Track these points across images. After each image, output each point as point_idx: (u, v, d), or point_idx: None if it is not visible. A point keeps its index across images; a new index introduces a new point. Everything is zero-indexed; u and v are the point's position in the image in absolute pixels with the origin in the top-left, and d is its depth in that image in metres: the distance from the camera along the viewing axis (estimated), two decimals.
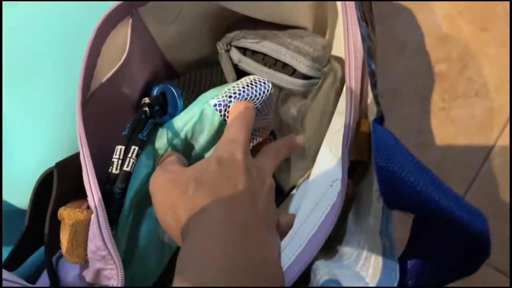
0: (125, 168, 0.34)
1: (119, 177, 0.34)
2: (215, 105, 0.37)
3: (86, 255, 0.33)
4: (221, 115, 0.38)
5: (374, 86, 0.33)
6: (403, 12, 0.64)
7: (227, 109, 0.38)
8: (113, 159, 0.35)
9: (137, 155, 0.35)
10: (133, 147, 0.35)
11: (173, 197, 0.30)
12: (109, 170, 0.34)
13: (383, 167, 0.26)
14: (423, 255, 0.30)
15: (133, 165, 0.35)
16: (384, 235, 0.32)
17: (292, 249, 0.34)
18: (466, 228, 0.25)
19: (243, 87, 0.39)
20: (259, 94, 0.39)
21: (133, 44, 0.37)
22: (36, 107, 0.43)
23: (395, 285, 0.29)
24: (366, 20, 0.36)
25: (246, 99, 0.38)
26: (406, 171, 0.25)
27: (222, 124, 0.38)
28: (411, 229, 0.30)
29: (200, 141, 0.39)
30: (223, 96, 0.38)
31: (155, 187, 0.32)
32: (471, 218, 0.25)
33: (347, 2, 0.36)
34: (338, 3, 0.37)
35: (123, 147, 0.35)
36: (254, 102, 0.39)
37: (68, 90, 0.42)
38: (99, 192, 0.32)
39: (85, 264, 0.34)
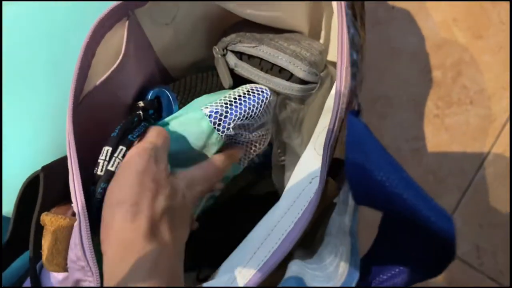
0: (109, 167, 0.33)
1: (102, 176, 0.33)
2: (211, 112, 0.37)
3: (66, 264, 0.32)
4: (213, 122, 0.37)
5: (353, 77, 0.33)
6: (399, 18, 0.64)
7: (223, 119, 0.37)
8: (99, 160, 0.33)
9: (124, 156, 0.33)
10: (120, 147, 0.33)
11: (144, 195, 0.30)
12: (94, 172, 0.33)
13: (352, 160, 0.25)
14: (389, 255, 0.30)
15: (118, 165, 0.33)
16: (353, 234, 0.32)
17: (268, 246, 0.34)
18: (432, 228, 0.24)
19: (239, 96, 0.38)
20: (258, 103, 0.39)
21: (129, 46, 0.36)
22: (24, 109, 0.42)
23: (353, 284, 0.29)
24: (355, 13, 0.36)
25: (244, 110, 0.38)
26: (376, 165, 0.25)
27: (212, 131, 0.37)
28: (378, 228, 0.30)
29: (184, 143, 0.38)
30: (217, 104, 0.37)
31: (136, 162, 0.31)
32: (437, 219, 0.24)
33: (342, 2, 0.35)
34: (334, 2, 0.37)
35: (110, 149, 0.33)
36: (253, 111, 0.39)
37: (58, 91, 0.41)
38: (83, 199, 0.31)
39: (66, 273, 0.33)
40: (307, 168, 0.37)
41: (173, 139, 0.37)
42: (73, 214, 0.33)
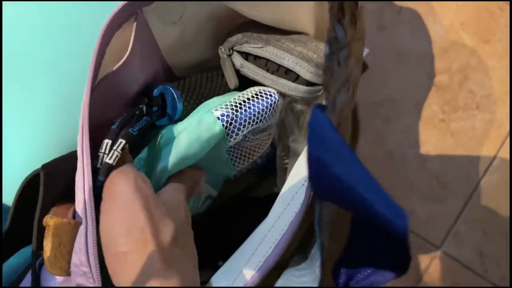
0: (107, 160, 0.32)
1: (100, 169, 0.31)
2: (222, 115, 0.36)
3: (69, 268, 0.31)
4: (224, 126, 0.36)
5: (324, 72, 0.32)
6: (405, 21, 0.63)
7: (232, 123, 0.37)
8: (99, 153, 0.32)
9: (123, 149, 0.32)
10: (120, 140, 0.32)
11: (147, 219, 0.29)
12: (95, 165, 0.32)
13: (313, 152, 0.25)
14: (360, 255, 0.30)
15: (116, 158, 0.32)
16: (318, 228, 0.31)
17: (263, 251, 0.33)
18: (386, 225, 0.24)
19: (248, 99, 0.38)
20: (266, 107, 0.38)
21: (136, 44, 0.36)
22: (23, 106, 0.42)
23: (316, 284, 0.28)
24: (344, 9, 0.36)
25: (253, 114, 0.37)
26: (335, 159, 0.25)
27: (224, 135, 0.37)
28: (349, 231, 0.30)
29: (198, 149, 0.37)
30: (227, 107, 0.37)
31: (126, 185, 0.30)
32: (392, 216, 0.24)
33: None
34: None
35: (110, 142, 0.32)
36: (262, 115, 0.38)
37: (58, 91, 0.41)
38: (93, 202, 0.30)
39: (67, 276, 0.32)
40: (301, 171, 0.37)
41: (186, 144, 0.36)
42: (74, 214, 0.32)
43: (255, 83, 0.42)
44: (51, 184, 0.33)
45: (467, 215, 0.63)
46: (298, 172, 0.37)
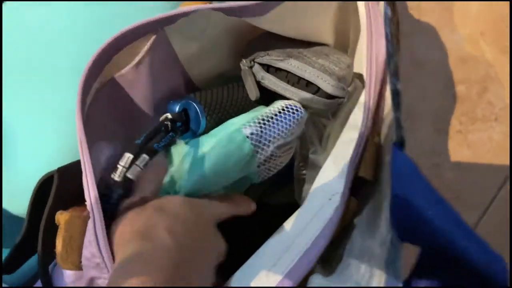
0: (128, 174, 0.32)
1: (121, 183, 0.32)
2: (251, 134, 0.36)
3: (81, 262, 0.32)
4: (252, 144, 0.36)
5: (397, 107, 0.31)
6: (424, 30, 0.63)
7: (261, 140, 0.36)
8: (118, 166, 0.32)
9: (145, 165, 0.33)
10: (144, 155, 0.32)
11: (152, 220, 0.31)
12: (111, 176, 0.32)
13: (398, 196, 0.25)
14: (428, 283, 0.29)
15: (138, 174, 0.32)
16: (391, 265, 0.31)
17: (285, 263, 0.33)
18: (483, 272, 0.24)
19: (275, 115, 0.38)
20: (292, 122, 0.38)
21: (151, 56, 0.36)
22: (41, 109, 0.42)
23: None
24: (393, 36, 0.35)
25: (280, 130, 0.37)
26: (424, 203, 0.24)
27: (253, 154, 0.36)
28: (419, 256, 0.29)
29: (226, 168, 0.37)
30: (255, 125, 0.37)
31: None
32: (489, 264, 0.24)
33: (371, 12, 0.35)
34: (362, 13, 0.36)
35: (132, 156, 0.32)
36: (288, 130, 0.38)
37: (74, 93, 0.41)
38: (98, 197, 0.31)
39: (79, 272, 0.33)
40: (325, 183, 0.36)
41: (215, 163, 0.36)
42: (88, 215, 0.32)
43: (276, 94, 0.41)
44: (64, 186, 0.34)
45: (483, 228, 0.62)
46: (322, 185, 0.37)
